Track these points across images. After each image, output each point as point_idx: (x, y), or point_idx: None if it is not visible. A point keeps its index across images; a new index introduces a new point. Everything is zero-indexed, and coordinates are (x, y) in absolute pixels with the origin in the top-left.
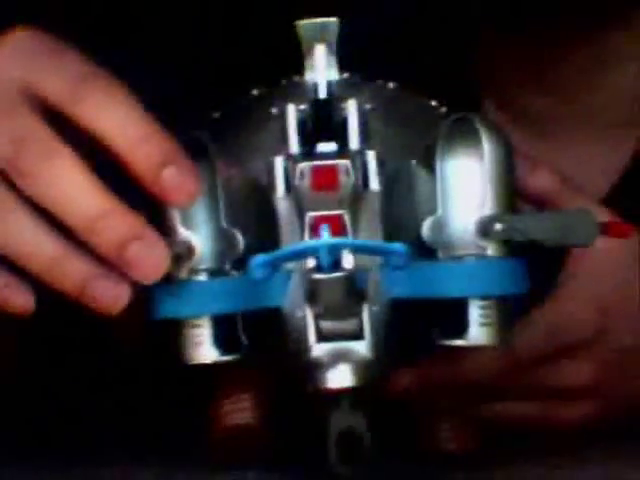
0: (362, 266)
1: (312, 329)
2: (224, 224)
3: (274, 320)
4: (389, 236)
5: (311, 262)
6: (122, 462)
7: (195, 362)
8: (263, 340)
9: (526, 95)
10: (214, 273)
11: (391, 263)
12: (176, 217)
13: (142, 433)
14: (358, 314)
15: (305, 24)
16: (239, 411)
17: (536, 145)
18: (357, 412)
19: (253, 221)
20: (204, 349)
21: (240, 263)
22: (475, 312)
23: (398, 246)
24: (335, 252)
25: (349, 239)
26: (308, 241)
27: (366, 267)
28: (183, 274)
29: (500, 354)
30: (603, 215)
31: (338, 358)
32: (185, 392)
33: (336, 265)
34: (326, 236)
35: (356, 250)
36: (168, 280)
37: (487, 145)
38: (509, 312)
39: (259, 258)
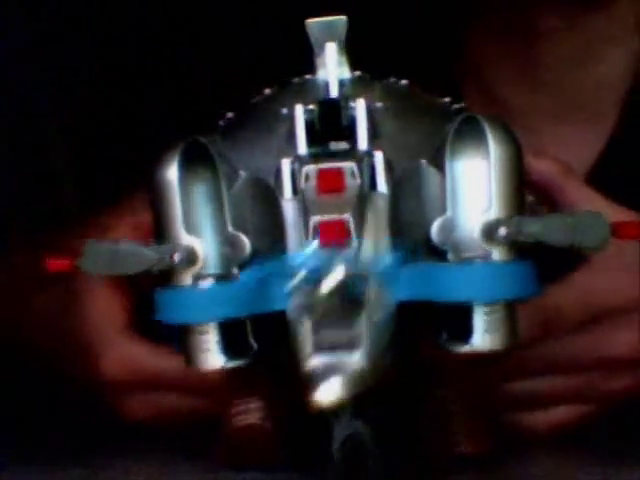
0: (361, 274)
1: (309, 339)
2: (230, 228)
3: (282, 324)
4: (397, 237)
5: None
6: (122, 461)
7: (203, 368)
8: (272, 343)
9: (510, 91)
10: (221, 278)
11: None
12: (179, 222)
13: (142, 432)
14: (355, 324)
15: (315, 23)
16: (248, 412)
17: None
18: (357, 421)
19: (263, 223)
20: (211, 355)
21: (248, 266)
22: (480, 317)
23: None
24: (327, 265)
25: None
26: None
27: (366, 274)
28: (187, 280)
29: (539, 322)
30: (609, 210)
31: (331, 370)
32: None
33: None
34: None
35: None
36: (173, 286)
37: (492, 144)
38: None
39: (247, 273)
